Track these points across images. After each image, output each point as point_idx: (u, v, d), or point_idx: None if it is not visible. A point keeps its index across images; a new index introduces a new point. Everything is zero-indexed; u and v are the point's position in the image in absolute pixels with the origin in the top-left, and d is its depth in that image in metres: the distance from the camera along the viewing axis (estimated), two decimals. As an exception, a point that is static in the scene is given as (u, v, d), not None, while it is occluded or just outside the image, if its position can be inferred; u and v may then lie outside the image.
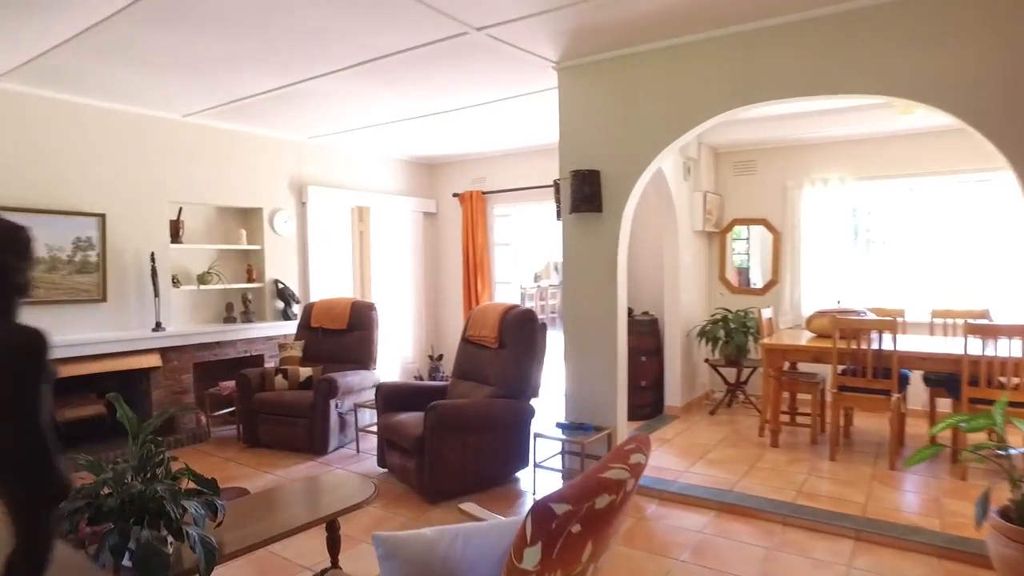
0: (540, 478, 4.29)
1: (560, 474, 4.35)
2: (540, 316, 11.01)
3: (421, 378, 7.81)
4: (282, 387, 5.43)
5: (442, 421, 4.00)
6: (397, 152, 7.48)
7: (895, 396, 4.34)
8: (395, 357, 7.62)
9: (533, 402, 4.52)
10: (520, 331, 4.50)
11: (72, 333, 4.96)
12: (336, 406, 5.18)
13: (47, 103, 4.83)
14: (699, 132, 4.13)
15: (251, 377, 5.39)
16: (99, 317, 5.14)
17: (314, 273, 6.78)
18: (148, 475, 2.27)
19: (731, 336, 5.92)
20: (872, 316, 4.84)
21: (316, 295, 6.71)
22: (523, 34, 3.76)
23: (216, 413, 5.79)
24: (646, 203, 6.01)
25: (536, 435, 4.19)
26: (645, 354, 5.93)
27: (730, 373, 6.18)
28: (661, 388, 6.08)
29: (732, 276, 6.81)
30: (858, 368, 4.46)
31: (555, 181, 4.69)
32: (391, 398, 4.71)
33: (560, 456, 4.42)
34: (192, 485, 2.36)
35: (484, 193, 7.60)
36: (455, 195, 7.83)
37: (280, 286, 6.43)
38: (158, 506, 2.12)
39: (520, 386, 4.40)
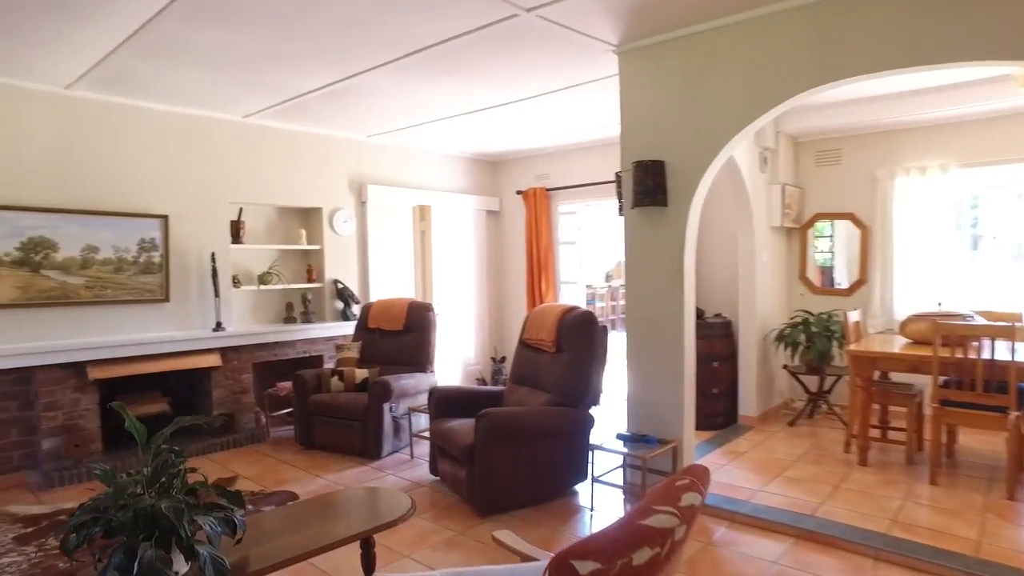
0: (599, 493, 3.98)
1: (621, 490, 4.02)
2: (611, 318, 10.64)
3: (484, 381, 7.63)
4: (338, 389, 5.35)
5: (493, 430, 3.77)
6: (459, 149, 7.32)
7: (1014, 414, 3.76)
8: (457, 359, 7.46)
9: (593, 411, 4.23)
10: (579, 334, 4.21)
11: (137, 332, 5.05)
12: (390, 409, 5.04)
13: (113, 108, 4.92)
14: (777, 115, 3.71)
15: (307, 378, 5.33)
16: (162, 317, 5.21)
17: (374, 273, 6.70)
18: (161, 488, 2.13)
19: (813, 341, 5.40)
20: (980, 320, 4.25)
21: (376, 295, 6.63)
22: (577, 14, 3.47)
23: (275, 413, 5.78)
24: (718, 197, 5.60)
25: (594, 447, 3.89)
26: (717, 359, 5.50)
27: (812, 381, 5.66)
28: (735, 396, 5.63)
29: (814, 275, 6.25)
30: (964, 380, 3.91)
31: (616, 174, 4.38)
32: (444, 403, 4.52)
33: (621, 470, 4.09)
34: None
35: (548, 190, 7.33)
36: (518, 192, 7.59)
37: (339, 286, 6.38)
38: (171, 522, 1.97)
39: (578, 393, 4.11)
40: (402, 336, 5.68)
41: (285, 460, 4.97)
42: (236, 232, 5.74)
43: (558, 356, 4.28)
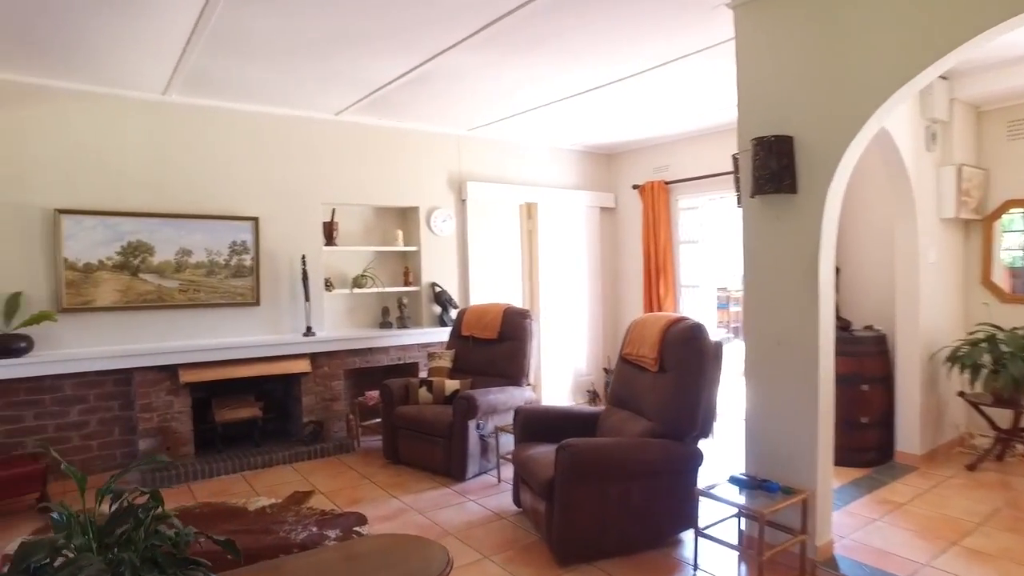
0: (705, 548, 3.24)
1: (734, 551, 3.25)
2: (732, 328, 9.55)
3: (595, 394, 7.00)
4: (426, 401, 4.99)
5: (575, 465, 3.17)
6: (568, 142, 6.75)
7: None
8: (566, 370, 6.90)
9: (703, 443, 3.50)
10: (685, 352, 3.50)
11: (227, 336, 5.00)
12: (477, 427, 4.59)
13: (205, 111, 4.91)
14: (949, 72, 2.79)
15: (393, 388, 5.03)
16: (253, 321, 5.13)
17: (474, 276, 6.32)
18: (121, 541, 1.78)
19: (1003, 364, 4.24)
20: None
21: (477, 300, 6.24)
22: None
23: (366, 423, 5.54)
24: (867, 181, 4.63)
25: (700, 493, 3.16)
26: (867, 381, 4.50)
27: (1000, 415, 4.47)
28: (890, 427, 4.59)
29: (1003, 280, 4.98)
30: None
31: (733, 156, 3.61)
32: (531, 425, 3.99)
33: (736, 519, 3.32)
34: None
35: (667, 183, 6.57)
36: (635, 187, 6.89)
37: (437, 289, 6.06)
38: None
39: (682, 424, 3.41)
40: (496, 345, 5.22)
41: (367, 475, 4.68)
42: (329, 234, 5.59)
43: (661, 377, 3.59)
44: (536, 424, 3.99)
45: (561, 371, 6.83)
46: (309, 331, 5.27)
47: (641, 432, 3.50)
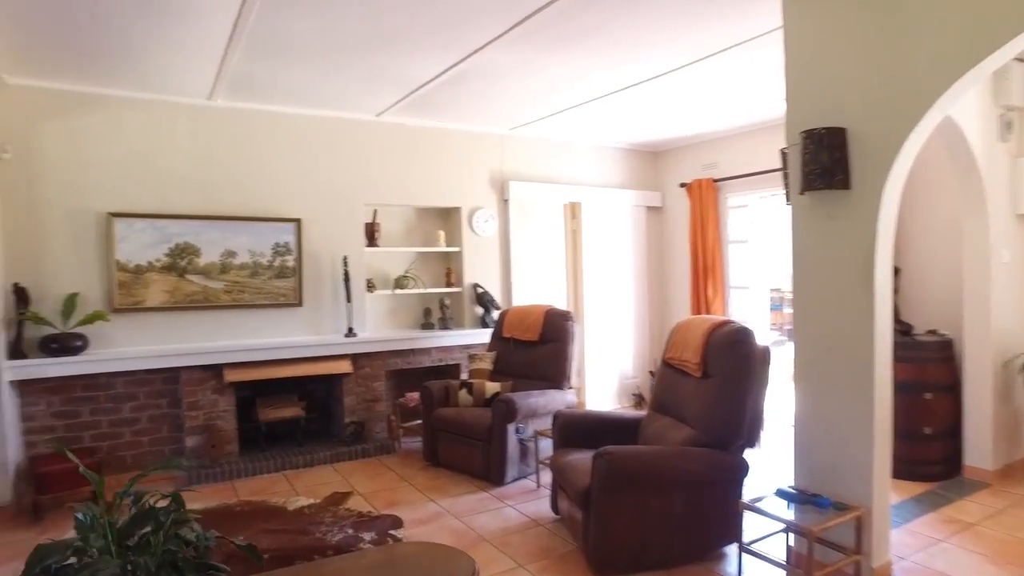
0: (750, 565, 3.07)
1: (782, 569, 3.06)
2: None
3: (641, 397, 6.82)
4: (466, 403, 4.94)
5: (613, 474, 3.06)
6: (613, 139, 6.60)
7: None
8: (611, 372, 6.74)
9: (748, 453, 3.33)
10: (729, 357, 3.33)
11: (271, 337, 5.06)
12: (517, 431, 4.51)
13: (250, 115, 4.99)
14: (1025, 51, 2.55)
15: (433, 390, 5.00)
16: (295, 321, 5.19)
17: (517, 276, 6.24)
18: (139, 545, 1.77)
19: (1086, 372, 3.90)
20: None
21: (520, 301, 6.17)
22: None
23: (406, 424, 5.53)
24: (931, 173, 4.35)
25: (745, 506, 2.99)
26: (931, 389, 4.21)
27: (1084, 427, 4.12)
28: (958, 439, 4.28)
29: (1088, 280, 4.59)
30: None
31: (781, 151, 3.42)
32: (570, 430, 3.89)
33: (783, 535, 3.13)
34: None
35: (715, 181, 6.34)
36: (682, 185, 6.68)
37: (479, 290, 6.01)
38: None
39: (727, 432, 3.24)
40: (537, 348, 5.12)
41: (406, 477, 4.66)
42: (371, 235, 5.60)
43: (704, 383, 3.43)
44: (575, 429, 3.88)
45: (606, 374, 6.68)
46: (351, 332, 5.29)
47: (683, 440, 3.34)
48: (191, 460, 4.66)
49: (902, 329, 4.40)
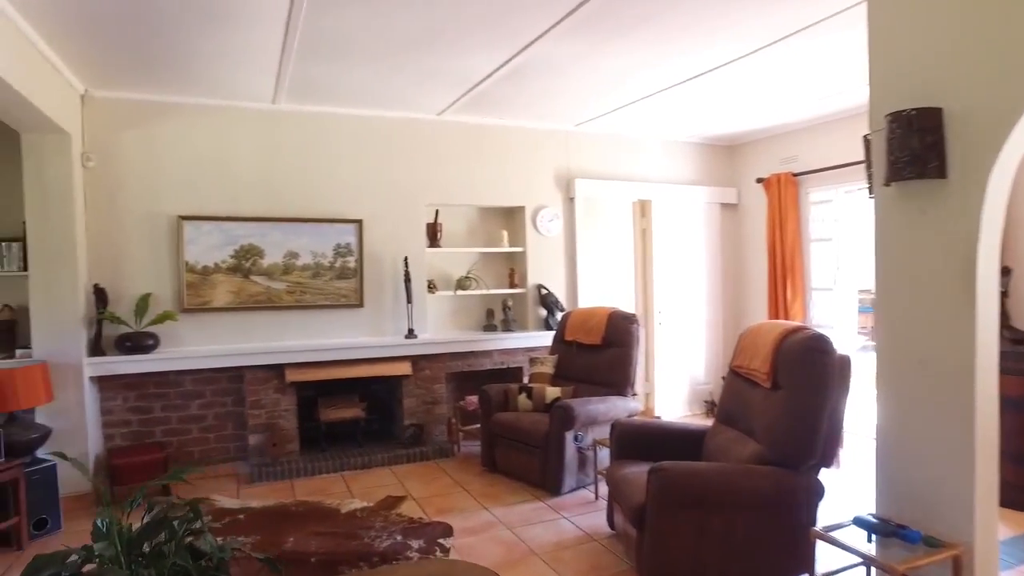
0: (827, 598, 2.75)
1: (863, 601, 2.73)
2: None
3: (713, 404, 6.43)
4: (525, 408, 4.79)
5: (667, 491, 2.82)
6: (685, 133, 6.27)
7: None
8: (682, 378, 6.42)
9: (822, 475, 3.00)
10: (802, 366, 3.01)
11: (332, 338, 5.09)
12: (576, 439, 4.32)
13: (312, 117, 5.05)
14: None
15: (491, 394, 4.87)
16: (356, 322, 5.20)
17: (583, 277, 6.03)
18: (152, 555, 1.71)
19: None
20: None
21: (585, 302, 5.96)
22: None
23: (466, 428, 5.43)
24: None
25: (818, 535, 2.67)
26: (1051, 408, 3.69)
27: None
28: (1085, 465, 3.73)
29: None
30: None
31: (864, 138, 3.06)
32: (629, 440, 3.66)
33: (863, 569, 2.78)
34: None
35: (795, 175, 5.90)
36: (759, 180, 6.26)
37: (543, 292, 5.84)
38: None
39: (798, 449, 2.93)
40: (600, 352, 4.91)
41: (461, 483, 4.56)
42: (433, 235, 5.55)
43: (774, 394, 3.13)
44: (634, 440, 3.66)
45: (676, 379, 6.36)
46: (411, 333, 5.25)
47: (749, 456, 3.05)
48: (253, 458, 4.74)
49: (1013, 337, 3.89)
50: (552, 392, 4.80)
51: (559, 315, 5.71)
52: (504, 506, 4.09)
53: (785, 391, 3.05)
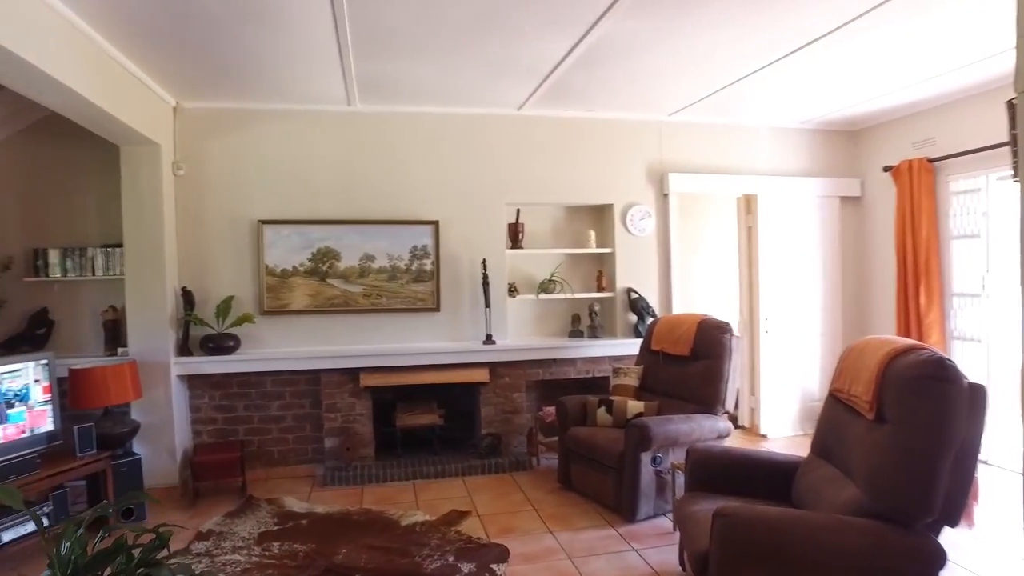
0: None
1: None
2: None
3: (831, 423, 5.69)
4: (604, 423, 4.44)
5: (732, 542, 2.39)
6: (796, 118, 5.58)
7: None
8: (792, 393, 5.73)
9: (944, 537, 2.42)
10: (913, 397, 2.44)
11: (407, 342, 5.01)
12: (654, 461, 3.91)
13: (388, 118, 4.98)
14: None
15: (569, 406, 4.56)
16: (433, 327, 5.07)
17: (679, 280, 5.54)
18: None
19: None
20: None
21: (681, 308, 5.48)
22: None
23: (548, 439, 5.14)
24: None
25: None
26: None
27: None
28: None
29: None
30: None
31: (1009, 104, 2.43)
32: (706, 469, 3.22)
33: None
34: None
35: (931, 161, 5.04)
36: (886, 169, 5.44)
37: (633, 296, 5.43)
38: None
39: (907, 501, 2.36)
40: (688, 364, 4.44)
41: (532, 500, 4.28)
42: (514, 236, 5.31)
43: (877, 429, 2.57)
44: (712, 469, 3.21)
45: (786, 394, 5.68)
46: (489, 339, 5.05)
47: (844, 504, 2.53)
48: (328, 461, 4.75)
49: None
50: (634, 407, 4.40)
51: (650, 321, 5.27)
52: (571, 531, 3.77)
53: (892, 426, 2.49)
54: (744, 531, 2.39)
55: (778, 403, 5.63)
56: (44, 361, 3.84)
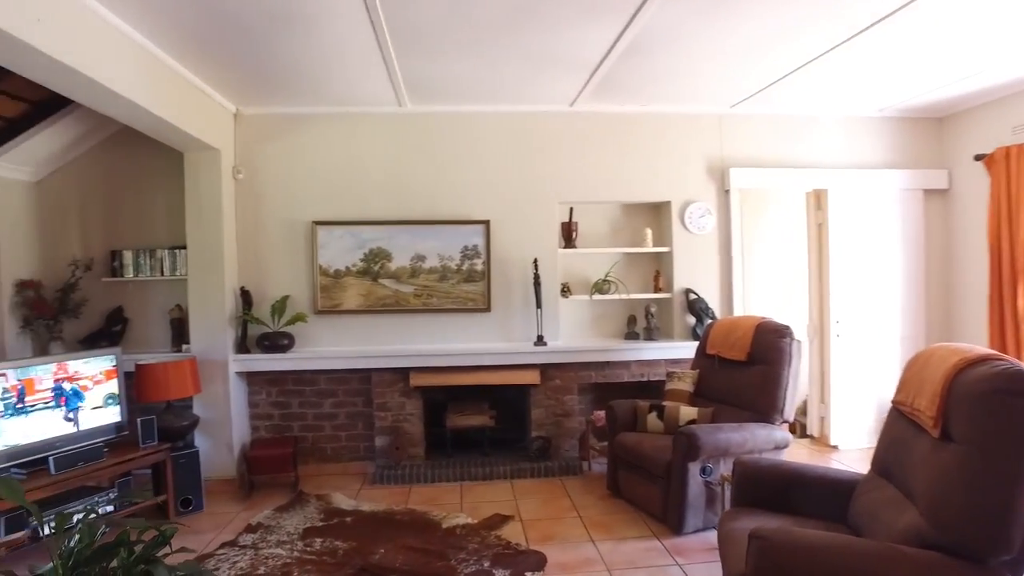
0: None
1: None
2: None
3: (914, 436, 5.25)
4: (655, 429, 4.26)
5: (769, 568, 2.20)
6: (873, 105, 5.17)
7: None
8: (867, 401, 5.31)
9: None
10: (985, 415, 2.16)
11: (459, 342, 4.99)
12: (703, 472, 3.70)
13: (438, 118, 4.99)
14: None
15: (619, 411, 4.40)
16: (483, 327, 5.03)
17: (740, 281, 5.27)
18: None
19: None
20: None
21: (742, 310, 5.22)
22: None
23: (601, 444, 4.99)
24: None
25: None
26: None
27: None
28: None
29: None
30: None
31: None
32: (753, 483, 3.01)
33: None
34: None
35: (1033, 148, 4.55)
36: (978, 158, 4.96)
37: (691, 297, 5.20)
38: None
39: (978, 533, 2.09)
40: (744, 369, 4.20)
41: (578, 506, 4.16)
42: (568, 235, 5.19)
43: (943, 448, 2.30)
44: (761, 483, 2.99)
45: (859, 403, 5.28)
46: (540, 340, 4.96)
47: (903, 531, 2.28)
48: (379, 460, 4.80)
49: None
50: (687, 413, 4.20)
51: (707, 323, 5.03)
52: (614, 540, 3.63)
53: (961, 446, 2.23)
54: (781, 556, 2.20)
55: (850, 412, 5.24)
56: (112, 356, 4.07)
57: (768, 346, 4.07)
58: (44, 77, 3.03)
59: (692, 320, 5.21)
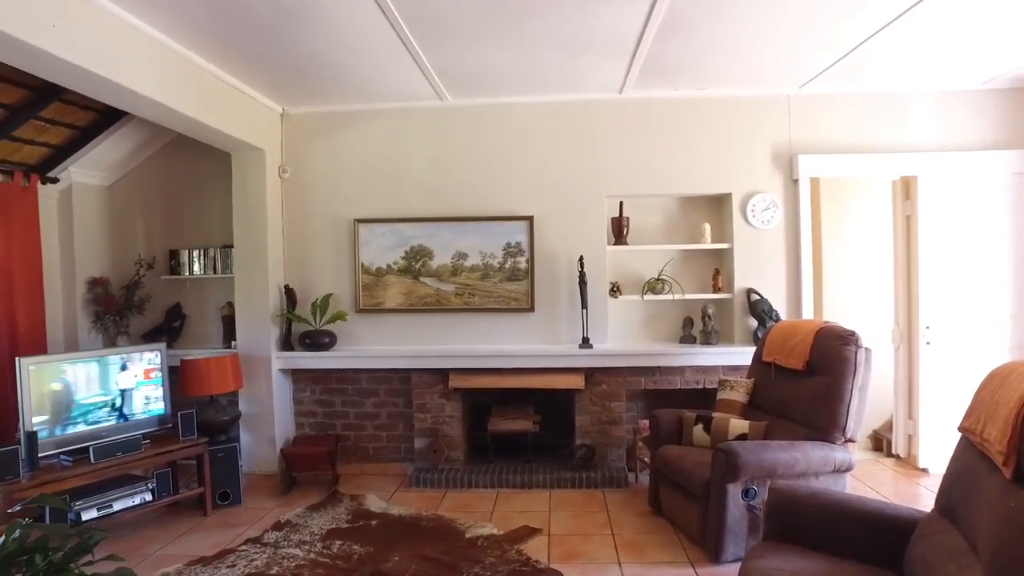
0: None
1: None
2: None
3: None
4: (701, 442, 3.90)
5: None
6: (975, 76, 4.47)
7: None
8: (958, 417, 4.64)
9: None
10: (1062, 451, 1.73)
11: (501, 343, 4.82)
12: (747, 494, 3.31)
13: (480, 110, 4.84)
14: None
15: (663, 421, 4.06)
16: (526, 328, 4.83)
17: (812, 280, 4.76)
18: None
19: None
20: None
21: (814, 313, 4.71)
22: None
23: (648, 456, 4.65)
24: None
25: None
26: None
27: None
28: None
29: None
30: None
31: None
32: (790, 515, 2.62)
33: None
34: None
35: None
36: (1110, 136, 4.19)
37: (754, 297, 4.75)
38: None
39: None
40: (803, 380, 3.74)
41: (614, 523, 3.87)
42: (618, 231, 4.88)
43: (1018, 493, 1.87)
44: (797, 515, 2.60)
45: (956, 421, 4.58)
46: (585, 342, 4.69)
47: (958, 587, 1.87)
48: (418, 462, 4.71)
49: None
50: (737, 427, 3.81)
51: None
52: (642, 565, 3.32)
53: (1032, 489, 1.79)
54: (791, 609, 1.86)
55: (943, 431, 4.58)
56: (156, 352, 4.21)
57: (830, 354, 3.59)
58: (83, 86, 3.20)
59: (754, 323, 4.75)
